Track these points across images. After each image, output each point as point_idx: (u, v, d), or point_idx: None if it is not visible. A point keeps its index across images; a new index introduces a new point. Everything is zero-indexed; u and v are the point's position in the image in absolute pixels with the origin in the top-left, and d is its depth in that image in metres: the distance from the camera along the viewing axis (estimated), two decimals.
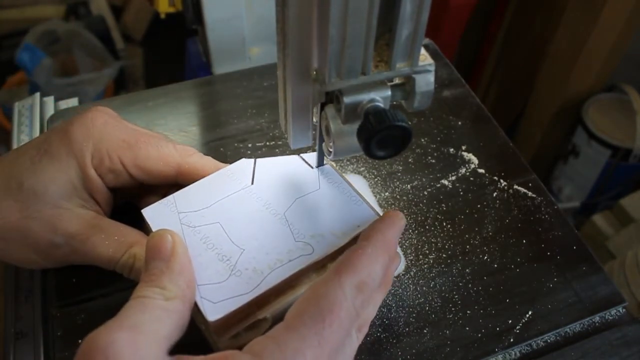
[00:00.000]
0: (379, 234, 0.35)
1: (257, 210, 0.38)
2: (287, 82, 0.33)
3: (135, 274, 0.40)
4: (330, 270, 0.33)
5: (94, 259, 0.40)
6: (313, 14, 0.29)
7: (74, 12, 1.73)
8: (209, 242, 0.36)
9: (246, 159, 0.42)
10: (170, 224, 0.38)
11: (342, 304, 0.31)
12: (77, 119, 0.41)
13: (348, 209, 0.38)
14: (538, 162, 1.42)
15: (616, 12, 1.13)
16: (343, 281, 0.32)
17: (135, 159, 0.41)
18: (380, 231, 0.35)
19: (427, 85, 0.33)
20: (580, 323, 0.44)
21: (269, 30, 0.72)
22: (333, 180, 0.41)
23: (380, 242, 0.34)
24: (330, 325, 0.30)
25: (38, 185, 0.39)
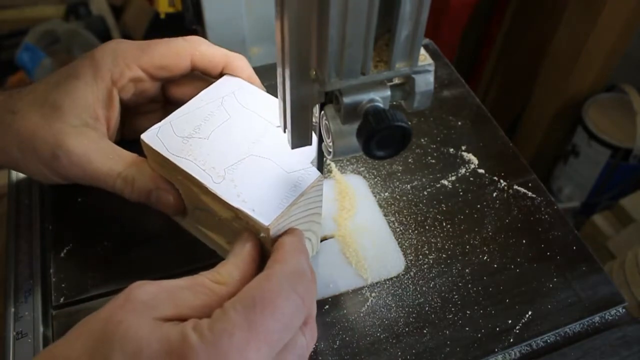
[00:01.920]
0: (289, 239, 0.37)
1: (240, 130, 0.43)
2: (287, 82, 0.33)
3: (137, 193, 0.43)
4: (264, 268, 0.34)
5: (93, 175, 0.43)
6: (312, 14, 0.29)
7: (74, 12, 1.72)
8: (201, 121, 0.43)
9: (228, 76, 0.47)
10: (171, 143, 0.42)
11: (275, 290, 0.32)
12: (100, 45, 0.46)
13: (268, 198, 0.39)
14: (538, 162, 1.42)
15: (616, 12, 1.13)
16: (275, 270, 0.33)
17: (151, 60, 0.46)
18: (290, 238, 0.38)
19: (427, 85, 0.33)
20: (580, 323, 0.44)
21: (269, 30, 0.72)
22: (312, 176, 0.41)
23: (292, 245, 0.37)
24: (262, 311, 0.31)
25: (58, 101, 0.43)
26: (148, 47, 0.46)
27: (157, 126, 0.43)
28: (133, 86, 0.46)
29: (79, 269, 0.45)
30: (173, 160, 0.40)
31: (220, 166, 0.40)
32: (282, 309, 0.31)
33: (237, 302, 0.31)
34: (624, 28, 1.17)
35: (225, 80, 0.47)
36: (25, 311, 0.43)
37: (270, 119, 0.44)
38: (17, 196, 0.51)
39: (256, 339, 0.30)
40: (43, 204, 0.50)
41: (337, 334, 0.42)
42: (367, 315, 0.43)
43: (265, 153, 0.41)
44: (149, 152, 0.43)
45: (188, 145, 0.41)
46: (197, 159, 0.41)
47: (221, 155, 0.41)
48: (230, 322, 0.30)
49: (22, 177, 0.53)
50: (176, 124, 0.43)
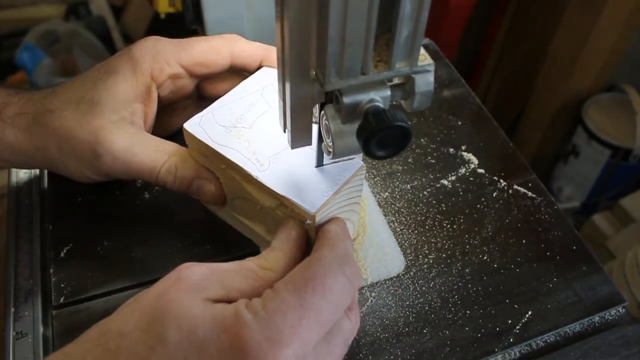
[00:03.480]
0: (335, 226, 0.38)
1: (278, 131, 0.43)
2: (287, 82, 0.33)
3: (179, 182, 0.43)
4: (312, 250, 0.35)
5: (137, 169, 0.43)
6: (313, 14, 0.29)
7: (74, 12, 1.72)
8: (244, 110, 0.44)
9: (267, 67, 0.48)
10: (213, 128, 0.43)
11: (325, 272, 0.32)
12: (137, 42, 0.46)
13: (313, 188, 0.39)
14: (538, 162, 1.42)
15: (616, 12, 1.13)
16: (324, 253, 0.34)
17: (191, 57, 0.46)
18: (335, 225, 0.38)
19: (427, 85, 0.33)
20: (580, 323, 0.44)
21: (269, 30, 0.72)
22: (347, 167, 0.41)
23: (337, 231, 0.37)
24: (313, 290, 0.31)
25: (95, 98, 0.43)
26: (187, 44, 0.46)
27: (200, 115, 0.43)
28: (172, 83, 0.46)
29: (79, 269, 0.45)
30: (216, 148, 0.41)
31: (264, 155, 0.40)
32: (333, 289, 0.32)
33: (289, 283, 0.32)
34: (624, 28, 1.17)
35: (263, 71, 0.47)
36: (25, 311, 0.43)
37: None
38: (17, 196, 0.51)
39: (307, 317, 0.31)
40: (43, 204, 0.50)
41: None
42: (367, 315, 0.43)
43: None
44: (192, 142, 0.42)
45: (231, 134, 0.42)
46: (241, 147, 0.41)
47: (264, 144, 0.41)
48: (283, 301, 0.31)
49: (22, 177, 0.53)
50: (218, 113, 0.43)
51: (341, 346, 0.34)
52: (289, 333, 0.30)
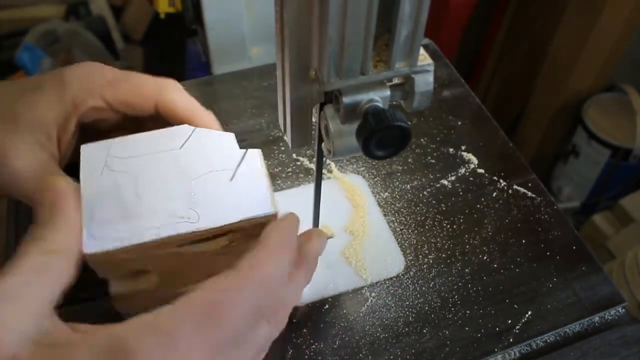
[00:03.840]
0: (276, 233, 0.35)
1: (171, 172, 0.41)
2: (286, 82, 0.33)
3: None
4: (233, 267, 0.33)
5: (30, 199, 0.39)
6: (312, 14, 0.29)
7: (74, 12, 1.72)
8: (118, 186, 0.39)
9: (189, 126, 0.44)
10: (96, 163, 0.40)
11: (232, 299, 0.31)
12: (72, 65, 0.44)
13: (250, 195, 0.39)
14: (538, 162, 1.42)
15: (616, 12, 1.13)
16: (240, 278, 0.32)
17: (115, 94, 0.44)
18: (276, 230, 0.35)
19: (427, 85, 0.33)
20: (580, 323, 0.44)
21: (269, 30, 0.72)
22: (253, 167, 0.41)
23: (277, 242, 0.34)
24: (213, 317, 0.30)
25: (17, 112, 0.41)
26: (116, 81, 0.44)
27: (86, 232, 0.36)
28: (95, 113, 0.44)
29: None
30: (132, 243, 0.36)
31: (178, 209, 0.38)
32: (236, 319, 0.31)
33: (192, 305, 0.30)
34: (624, 28, 1.17)
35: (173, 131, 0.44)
36: None
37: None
38: None
39: (202, 347, 0.29)
40: None
41: (337, 334, 0.42)
42: (367, 315, 0.43)
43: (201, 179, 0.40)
44: (99, 261, 0.36)
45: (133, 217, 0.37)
46: (152, 220, 0.37)
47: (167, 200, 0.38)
48: (180, 326, 0.29)
49: None
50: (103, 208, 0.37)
51: (250, 352, 0.33)
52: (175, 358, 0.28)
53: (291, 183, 0.52)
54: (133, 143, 0.42)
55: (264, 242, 0.34)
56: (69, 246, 0.33)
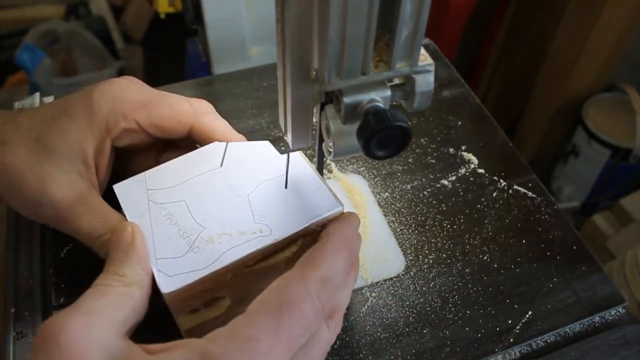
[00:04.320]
0: (338, 232, 0.36)
1: (222, 191, 0.40)
2: (287, 82, 0.33)
3: None
4: (294, 267, 0.34)
5: (73, 230, 0.40)
6: (313, 15, 0.29)
7: (74, 12, 1.72)
8: (172, 218, 0.38)
9: (219, 142, 0.43)
10: (138, 200, 0.39)
11: (303, 297, 0.31)
12: (100, 83, 0.43)
13: (312, 197, 0.39)
14: (538, 162, 1.42)
15: (616, 12, 1.13)
16: (305, 276, 0.32)
17: (149, 118, 0.43)
18: (340, 229, 0.36)
19: (427, 85, 0.33)
20: (580, 323, 0.44)
21: (269, 30, 0.72)
22: (300, 168, 0.41)
23: (339, 239, 0.35)
24: (289, 316, 0.31)
25: (51, 140, 0.41)
26: (150, 104, 0.43)
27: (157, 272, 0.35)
28: (128, 136, 0.44)
29: (79, 269, 0.45)
30: (211, 270, 0.35)
31: (245, 225, 0.37)
32: (307, 315, 0.31)
33: (264, 307, 0.31)
34: (624, 28, 1.17)
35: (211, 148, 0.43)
36: (25, 311, 0.43)
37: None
38: None
39: (280, 343, 0.30)
40: None
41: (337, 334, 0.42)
42: (367, 315, 0.43)
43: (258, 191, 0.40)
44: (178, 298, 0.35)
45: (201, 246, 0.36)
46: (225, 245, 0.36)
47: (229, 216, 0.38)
48: (258, 328, 0.30)
49: None
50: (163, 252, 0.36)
51: (318, 357, 0.34)
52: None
53: None
54: (168, 172, 0.41)
55: (325, 242, 0.35)
56: (144, 279, 0.34)
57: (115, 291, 0.32)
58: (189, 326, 0.36)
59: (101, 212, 0.40)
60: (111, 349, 0.29)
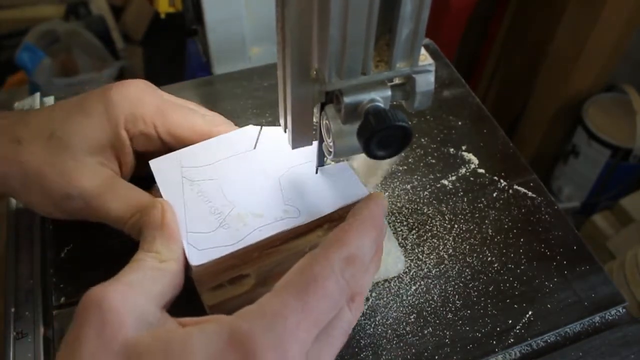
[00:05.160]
0: (365, 211, 0.36)
1: (254, 173, 0.41)
2: (287, 82, 0.33)
3: None
4: (320, 246, 0.34)
5: (104, 216, 0.41)
6: (313, 14, 0.29)
7: (74, 12, 1.72)
8: (204, 195, 0.39)
9: (253, 126, 0.44)
10: (172, 176, 0.40)
11: (328, 275, 0.32)
12: (117, 84, 0.44)
13: (340, 182, 0.40)
14: (538, 162, 1.42)
15: (616, 12, 1.13)
16: (330, 254, 0.33)
17: (167, 126, 0.44)
18: (367, 208, 0.36)
19: (428, 85, 0.33)
20: (580, 323, 0.44)
21: (269, 30, 0.72)
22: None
23: (367, 218, 0.36)
24: (315, 293, 0.31)
25: (66, 136, 0.41)
26: (167, 111, 0.44)
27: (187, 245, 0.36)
28: (144, 141, 0.44)
29: (79, 269, 0.45)
30: (240, 247, 0.36)
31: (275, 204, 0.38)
32: (333, 292, 0.32)
33: (290, 284, 0.31)
34: (624, 28, 1.17)
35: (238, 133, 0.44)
36: (25, 311, 0.43)
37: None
38: None
39: (307, 320, 0.30)
40: None
41: None
42: (367, 315, 0.43)
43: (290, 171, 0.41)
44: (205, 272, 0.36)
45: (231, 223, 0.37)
46: (253, 223, 0.37)
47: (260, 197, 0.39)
48: (285, 305, 0.30)
49: None
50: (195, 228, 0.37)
51: (340, 337, 0.34)
52: (288, 338, 0.30)
53: None
54: (203, 151, 0.42)
55: (352, 220, 0.35)
56: (178, 254, 0.35)
57: (152, 266, 0.34)
58: (212, 302, 0.37)
59: (130, 194, 0.41)
60: (148, 318, 0.31)
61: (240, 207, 0.38)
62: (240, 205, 0.38)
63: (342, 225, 0.35)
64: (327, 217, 0.38)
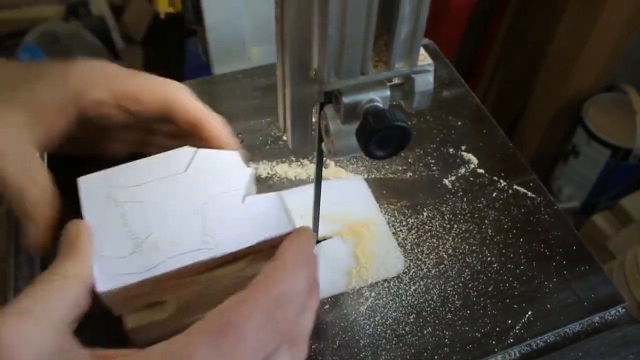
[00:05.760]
0: (294, 246, 0.34)
1: (181, 197, 0.39)
2: (286, 82, 0.33)
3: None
4: (248, 286, 0.32)
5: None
6: (312, 14, 0.29)
7: (74, 12, 1.72)
8: (125, 218, 0.38)
9: (189, 147, 0.43)
10: (97, 195, 0.39)
11: (249, 318, 0.30)
12: (78, 58, 0.44)
13: (266, 214, 0.38)
14: (538, 162, 1.42)
15: (616, 12, 1.13)
16: (255, 295, 0.31)
17: (125, 86, 0.43)
18: (295, 243, 0.34)
19: (426, 85, 0.33)
20: (580, 323, 0.44)
21: (269, 30, 0.72)
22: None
23: (295, 254, 0.34)
24: (231, 338, 0.29)
25: (15, 89, 0.41)
26: (127, 75, 0.43)
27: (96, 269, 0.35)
28: (99, 107, 0.43)
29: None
30: (149, 276, 0.35)
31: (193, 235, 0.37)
32: (252, 338, 0.29)
33: (207, 326, 0.29)
34: (624, 28, 1.17)
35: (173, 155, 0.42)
36: None
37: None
38: None
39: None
40: None
41: (337, 334, 0.42)
42: (367, 315, 0.43)
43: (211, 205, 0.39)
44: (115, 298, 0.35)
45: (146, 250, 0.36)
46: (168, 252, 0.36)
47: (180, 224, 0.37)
48: (195, 348, 0.28)
49: None
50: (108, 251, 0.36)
51: None
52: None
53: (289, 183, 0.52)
54: (133, 171, 0.41)
55: (280, 258, 0.33)
56: (85, 273, 0.34)
57: (52, 286, 0.31)
58: (132, 326, 0.36)
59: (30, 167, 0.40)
60: (47, 348, 0.28)
61: (157, 233, 0.37)
62: (159, 231, 0.37)
63: (269, 263, 0.33)
64: (248, 249, 0.36)
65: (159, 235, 0.37)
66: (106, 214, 0.38)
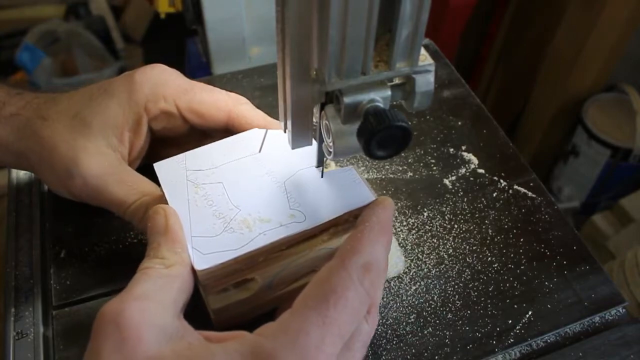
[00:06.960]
0: (374, 217, 0.36)
1: (260, 176, 0.41)
2: (287, 82, 0.33)
3: (144, 223, 0.40)
4: (335, 256, 0.33)
5: (106, 200, 0.42)
6: (313, 14, 0.29)
7: (74, 12, 1.73)
8: (209, 199, 0.39)
9: (258, 129, 0.44)
10: (176, 179, 0.40)
11: (346, 284, 0.31)
12: (141, 67, 0.45)
13: (345, 186, 0.40)
14: (538, 162, 1.42)
15: (616, 12, 1.13)
16: (346, 263, 0.32)
17: (190, 102, 0.44)
18: (375, 214, 0.36)
19: (427, 85, 0.33)
20: (580, 323, 0.44)
21: (269, 30, 0.72)
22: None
23: (376, 223, 0.35)
24: (335, 305, 0.31)
25: (89, 116, 0.42)
26: (191, 89, 0.45)
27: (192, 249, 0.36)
28: (165, 119, 0.45)
29: (79, 269, 0.45)
30: (245, 251, 0.36)
31: (281, 209, 0.38)
32: (353, 301, 0.31)
33: (309, 298, 0.31)
34: (624, 28, 1.17)
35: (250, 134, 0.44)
36: (25, 311, 0.43)
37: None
38: (17, 196, 0.51)
39: (331, 333, 0.30)
40: (43, 204, 0.50)
41: None
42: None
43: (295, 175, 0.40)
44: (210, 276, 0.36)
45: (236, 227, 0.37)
46: (258, 228, 0.37)
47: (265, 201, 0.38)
48: (305, 320, 0.30)
49: (22, 177, 0.53)
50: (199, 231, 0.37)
51: (361, 349, 0.34)
52: (314, 354, 0.29)
53: None
54: (208, 154, 0.42)
55: (365, 228, 0.35)
56: (184, 258, 0.35)
57: (160, 273, 0.33)
58: (217, 306, 0.37)
59: (133, 180, 0.42)
60: (166, 329, 0.30)
61: (245, 211, 0.38)
62: (246, 209, 0.38)
63: (353, 233, 0.35)
64: (332, 221, 0.38)
65: (246, 213, 0.38)
66: (189, 197, 0.39)
